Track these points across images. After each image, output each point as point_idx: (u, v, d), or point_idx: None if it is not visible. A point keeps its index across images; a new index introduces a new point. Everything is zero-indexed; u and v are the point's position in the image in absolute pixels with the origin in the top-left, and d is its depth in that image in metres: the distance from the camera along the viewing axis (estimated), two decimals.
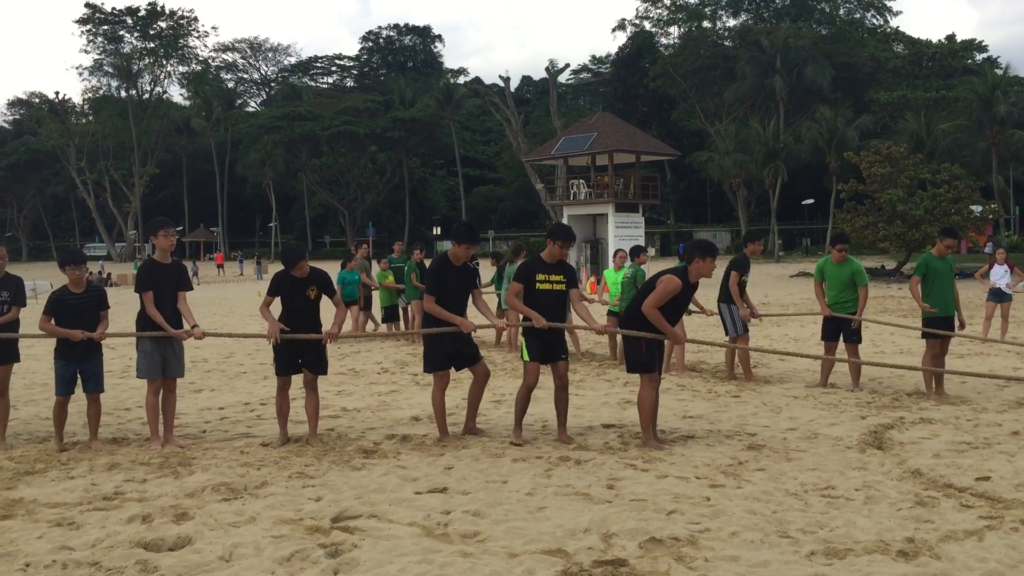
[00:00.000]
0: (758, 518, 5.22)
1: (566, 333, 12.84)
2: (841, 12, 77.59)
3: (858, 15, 78.45)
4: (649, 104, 78.72)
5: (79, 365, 7.35)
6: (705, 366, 11.96)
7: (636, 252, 12.10)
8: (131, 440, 7.75)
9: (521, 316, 7.50)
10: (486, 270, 17.17)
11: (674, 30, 79.84)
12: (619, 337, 10.82)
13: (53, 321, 7.27)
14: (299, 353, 7.52)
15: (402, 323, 15.90)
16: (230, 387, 10.85)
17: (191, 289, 7.83)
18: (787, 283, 34.72)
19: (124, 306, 18.69)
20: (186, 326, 7.55)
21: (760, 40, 65.33)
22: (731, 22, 77.66)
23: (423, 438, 7.52)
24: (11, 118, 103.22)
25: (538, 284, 7.31)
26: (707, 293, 13.52)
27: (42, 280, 33.40)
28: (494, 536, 4.97)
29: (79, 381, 7.40)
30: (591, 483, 6.02)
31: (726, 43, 71.48)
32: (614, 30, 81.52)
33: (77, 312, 7.27)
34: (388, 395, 10.00)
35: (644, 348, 7.17)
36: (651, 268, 12.64)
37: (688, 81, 67.60)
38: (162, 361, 7.47)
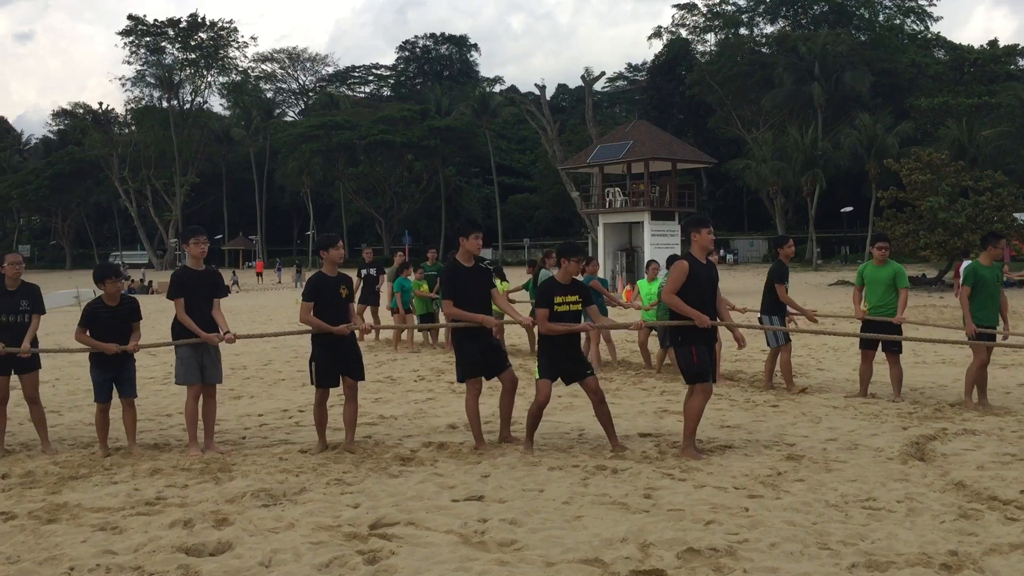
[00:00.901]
0: (798, 529, 5.17)
1: (604, 343, 13.00)
2: (880, 18, 76.69)
3: (898, 21, 77.48)
4: (685, 112, 78.37)
5: (113, 373, 7.50)
6: (743, 375, 11.87)
7: (672, 262, 12.04)
8: (172, 446, 7.87)
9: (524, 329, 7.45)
10: (522, 278, 17.10)
11: (711, 37, 79.47)
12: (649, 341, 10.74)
13: (88, 333, 7.41)
14: (341, 363, 7.57)
15: (441, 332, 15.91)
16: (269, 394, 10.96)
17: (225, 295, 7.94)
18: (825, 292, 34.34)
19: (166, 313, 18.91)
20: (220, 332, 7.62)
21: (798, 47, 64.79)
22: (768, 29, 77.16)
23: (460, 446, 7.54)
24: (56, 129, 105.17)
25: (557, 307, 7.32)
26: (746, 302, 13.47)
27: (85, 288, 33.86)
28: (531, 545, 4.97)
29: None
30: (628, 492, 6.00)
31: (763, 50, 70.98)
32: (650, 38, 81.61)
33: (111, 324, 7.44)
34: (425, 403, 10.04)
35: (695, 358, 7.07)
36: None
37: (725, 88, 67.20)
38: (199, 367, 7.57)
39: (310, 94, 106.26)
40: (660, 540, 4.96)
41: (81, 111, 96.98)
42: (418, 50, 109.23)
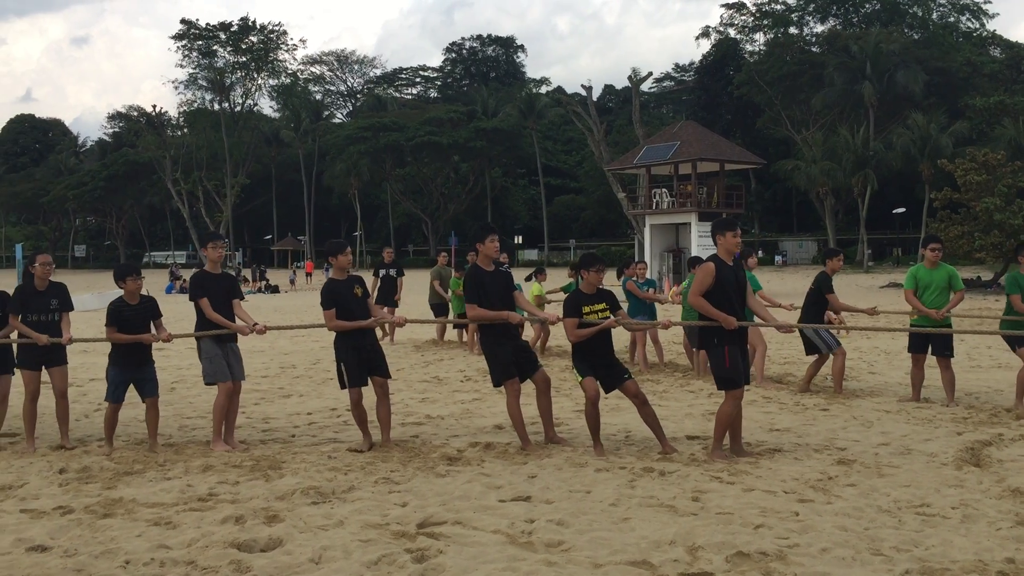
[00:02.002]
0: (849, 534, 5.10)
1: (652, 345, 12.98)
2: (934, 16, 75.27)
3: (952, 19, 75.98)
4: (733, 112, 77.62)
5: (133, 374, 7.74)
6: (792, 378, 11.73)
7: (694, 263, 12.23)
8: (196, 444, 7.91)
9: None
10: (564, 280, 17.06)
11: (759, 37, 78.55)
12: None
13: (116, 330, 7.66)
14: (367, 361, 7.69)
15: (463, 333, 16.07)
16: (317, 393, 11.07)
17: (241, 298, 8.19)
18: (876, 294, 33.80)
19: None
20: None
21: (849, 45, 63.86)
22: (818, 28, 76.09)
23: (506, 446, 7.55)
24: (111, 131, 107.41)
25: (585, 316, 7.40)
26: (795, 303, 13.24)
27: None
28: (578, 546, 4.96)
29: (131, 390, 7.79)
30: (676, 495, 5.96)
31: (813, 49, 70.05)
32: (698, 38, 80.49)
33: (133, 322, 7.68)
34: (471, 403, 10.08)
35: (727, 361, 7.05)
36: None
37: (774, 88, 66.45)
38: (227, 364, 7.80)
39: (358, 96, 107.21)
40: (709, 543, 4.92)
41: (135, 114, 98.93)
42: (465, 51, 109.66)
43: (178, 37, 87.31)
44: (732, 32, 79.35)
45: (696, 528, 5.20)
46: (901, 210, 60.10)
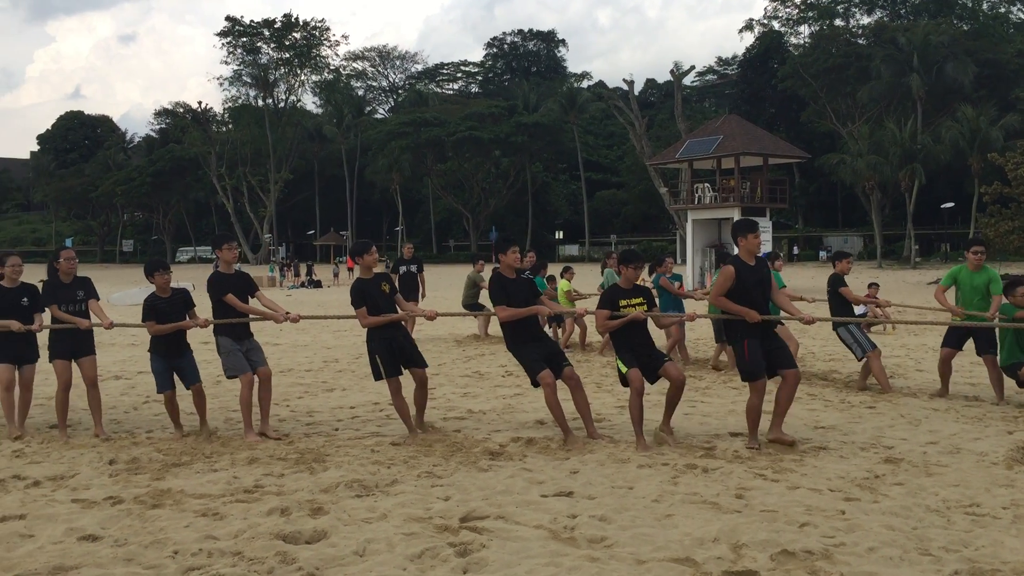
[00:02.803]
0: (897, 534, 5.03)
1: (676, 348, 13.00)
2: (984, 7, 73.78)
3: (1003, 9, 74.42)
4: (777, 105, 76.72)
5: (173, 362, 8.07)
6: (837, 375, 11.59)
7: (723, 259, 12.33)
8: (242, 437, 8.01)
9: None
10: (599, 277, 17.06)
11: (804, 29, 77.59)
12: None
13: (155, 322, 7.99)
14: (399, 352, 7.91)
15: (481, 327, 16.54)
16: (360, 387, 11.16)
17: (257, 290, 8.49)
18: (924, 290, 33.26)
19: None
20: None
21: (896, 37, 62.77)
22: (865, 19, 74.94)
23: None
24: (158, 127, 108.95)
25: (621, 309, 7.62)
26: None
27: (185, 282, 35.06)
28: (621, 542, 4.95)
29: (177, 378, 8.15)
30: (719, 492, 5.93)
31: (859, 41, 68.96)
32: (741, 31, 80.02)
33: (168, 313, 8.02)
34: (512, 398, 10.09)
35: (747, 355, 7.29)
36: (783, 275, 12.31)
37: (819, 81, 65.54)
38: (246, 358, 8.07)
39: (400, 91, 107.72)
40: (753, 541, 4.88)
41: (181, 110, 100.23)
42: (506, 46, 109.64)
43: (223, 34, 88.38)
44: (776, 25, 78.54)
45: (740, 525, 5.17)
46: (949, 205, 59.01)
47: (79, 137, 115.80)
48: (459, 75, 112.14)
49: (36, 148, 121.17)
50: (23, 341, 8.16)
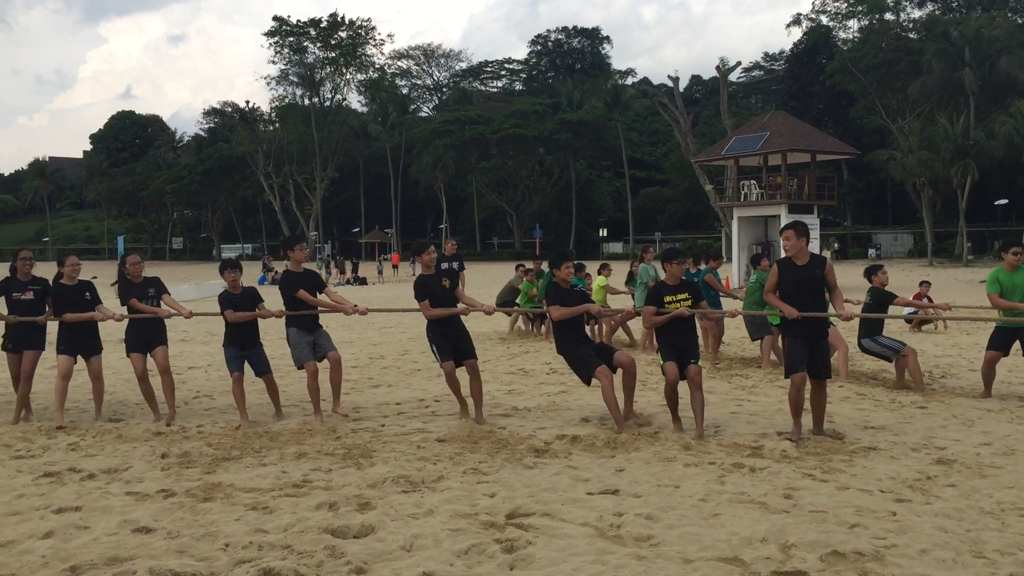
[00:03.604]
0: (950, 536, 4.94)
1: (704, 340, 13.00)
2: None
3: None
4: (825, 101, 75.65)
5: (245, 352, 8.66)
6: (887, 375, 11.41)
7: (756, 261, 12.63)
8: (290, 432, 8.12)
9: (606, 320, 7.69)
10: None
11: (853, 23, 76.34)
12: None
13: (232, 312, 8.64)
14: (453, 342, 8.49)
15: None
16: (405, 383, 11.22)
17: (325, 287, 9.02)
18: (977, 289, 32.56)
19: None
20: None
21: (949, 31, 61.55)
22: (916, 13, 73.57)
23: (593, 439, 7.54)
24: (207, 126, 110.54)
25: (667, 305, 8.01)
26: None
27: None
28: (668, 541, 4.93)
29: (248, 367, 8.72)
30: (767, 491, 5.87)
31: (910, 35, 67.68)
32: (789, 25, 78.95)
33: (241, 307, 8.67)
34: (558, 395, 10.08)
35: (786, 350, 7.71)
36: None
37: (868, 76, 64.50)
38: (312, 347, 8.63)
39: (444, 90, 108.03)
40: (802, 541, 4.83)
41: (229, 109, 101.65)
42: (550, 44, 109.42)
43: (270, 34, 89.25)
44: (824, 19, 77.43)
45: (788, 526, 5.12)
46: (1003, 201, 57.80)
47: (130, 137, 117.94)
48: (503, 73, 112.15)
49: (89, 148, 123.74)
50: (86, 335, 8.83)
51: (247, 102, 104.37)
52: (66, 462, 7.01)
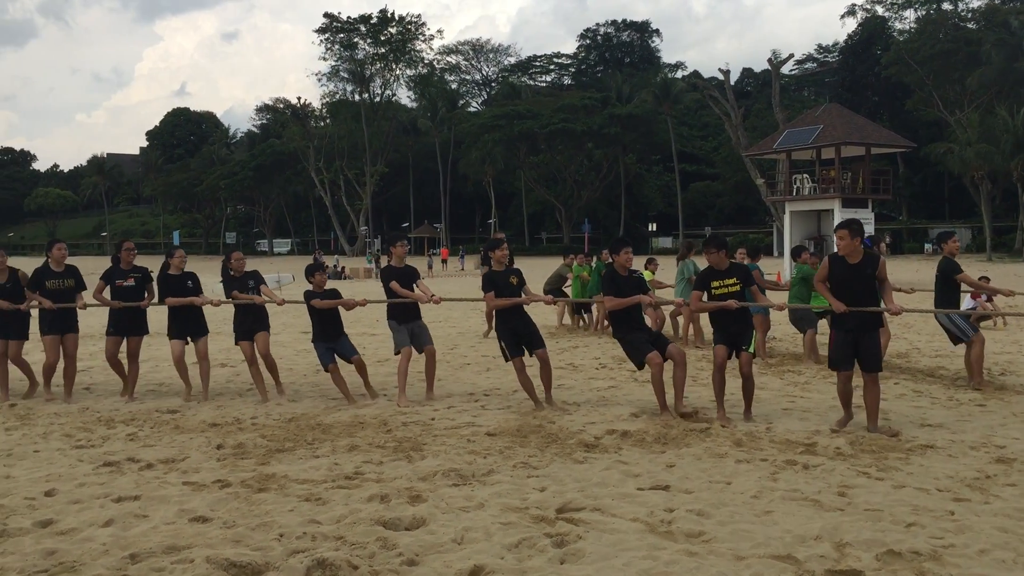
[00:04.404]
0: (1010, 536, 4.84)
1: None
2: None
3: None
4: (880, 93, 74.41)
5: (332, 344, 9.45)
6: (944, 371, 11.19)
7: (796, 254, 12.45)
8: (342, 425, 8.20)
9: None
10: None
11: (910, 14, 74.96)
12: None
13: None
14: (519, 335, 8.93)
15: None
16: (455, 378, 11.27)
17: (420, 279, 9.74)
18: None
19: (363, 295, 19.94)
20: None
21: (1009, 21, 60.10)
22: (975, 3, 71.89)
23: (643, 434, 7.50)
24: (259, 123, 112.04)
25: (715, 290, 8.23)
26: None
27: (286, 273, 36.14)
28: (719, 537, 4.89)
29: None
30: (821, 489, 5.80)
31: (969, 25, 66.24)
32: (843, 16, 77.74)
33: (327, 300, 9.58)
34: (607, 391, 10.05)
35: (831, 345, 7.77)
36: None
37: (925, 68, 63.23)
38: (409, 335, 9.42)
39: (493, 84, 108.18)
40: (857, 540, 4.76)
41: (281, 106, 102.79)
42: (599, 37, 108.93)
43: (321, 31, 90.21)
44: (880, 10, 76.13)
45: (843, 524, 5.05)
46: None
47: (185, 133, 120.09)
48: (552, 67, 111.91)
49: (145, 144, 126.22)
50: (192, 319, 9.79)
51: (298, 98, 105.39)
52: (125, 452, 7.16)
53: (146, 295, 9.89)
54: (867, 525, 5.03)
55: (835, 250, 7.81)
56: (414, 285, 9.57)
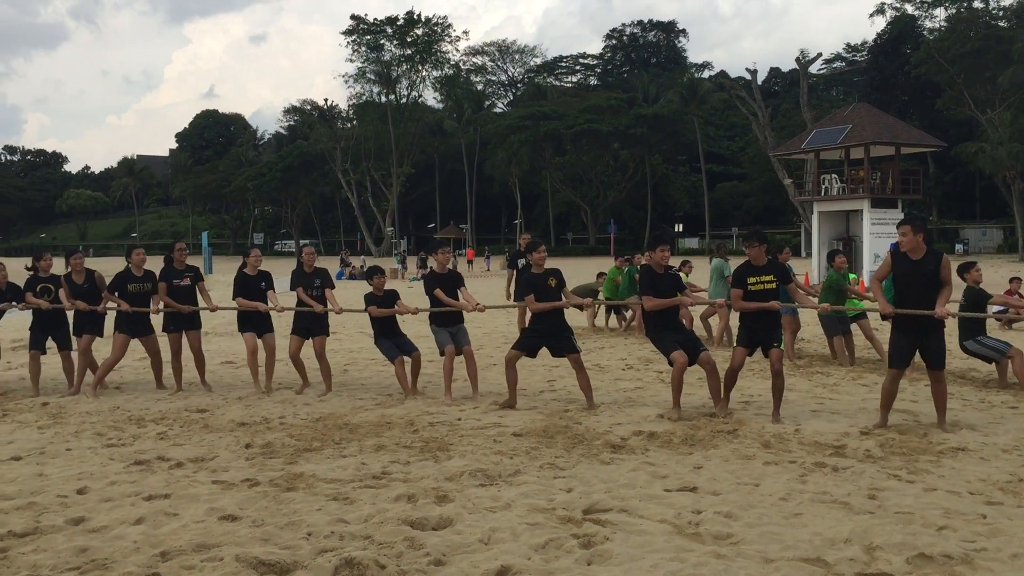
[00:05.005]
0: None
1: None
2: None
3: None
4: (910, 93, 73.58)
5: (395, 340, 10.00)
6: (976, 374, 11.06)
7: (832, 257, 12.21)
8: (369, 424, 8.24)
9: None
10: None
11: (940, 12, 74.01)
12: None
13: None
14: (547, 338, 9.01)
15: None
16: (481, 378, 11.14)
17: (463, 285, 9.95)
18: None
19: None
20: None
21: None
22: (1006, 1, 71.00)
23: (670, 436, 7.48)
24: (287, 124, 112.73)
25: (751, 286, 8.22)
26: None
27: None
28: (748, 539, 4.86)
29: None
30: (850, 492, 5.75)
31: (1001, 23, 65.37)
32: (872, 15, 77.04)
33: (384, 305, 9.98)
34: (633, 391, 10.03)
35: (891, 345, 7.71)
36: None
37: (956, 66, 62.42)
38: (451, 336, 9.61)
39: (519, 85, 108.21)
40: (888, 543, 4.72)
41: (309, 107, 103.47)
42: (625, 38, 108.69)
43: (348, 32, 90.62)
44: (910, 8, 75.23)
45: (873, 527, 5.00)
46: None
47: (214, 135, 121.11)
48: (578, 68, 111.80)
49: (174, 146, 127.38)
50: (261, 316, 10.27)
51: (325, 100, 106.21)
52: (155, 451, 7.23)
53: (199, 297, 10.50)
54: (898, 528, 4.98)
55: (864, 250, 7.81)
56: (458, 291, 9.77)
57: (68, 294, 10.22)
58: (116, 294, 10.24)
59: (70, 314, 10.43)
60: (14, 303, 10.40)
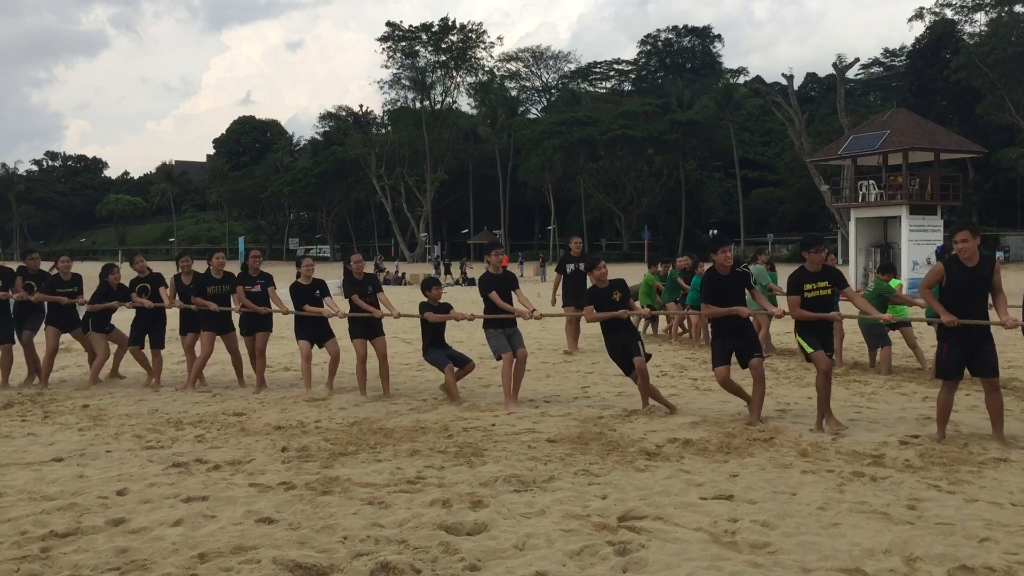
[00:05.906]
0: None
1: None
2: None
3: None
4: (949, 98, 72.56)
5: (447, 351, 10.18)
6: (1018, 383, 10.87)
7: (886, 268, 11.99)
8: (403, 429, 8.26)
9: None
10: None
11: (980, 17, 73.05)
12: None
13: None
14: (622, 345, 9.11)
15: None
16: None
17: (518, 287, 10.05)
18: None
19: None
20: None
21: None
22: None
23: (705, 443, 7.43)
24: (322, 130, 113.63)
25: (807, 293, 8.08)
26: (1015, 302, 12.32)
27: (335, 278, 36.42)
28: (785, 549, 4.81)
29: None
30: (890, 502, 5.67)
31: None
32: (910, 20, 76.07)
33: (439, 313, 10.21)
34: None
35: (944, 355, 7.45)
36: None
37: (996, 71, 61.56)
38: (507, 339, 9.71)
39: (553, 91, 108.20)
40: (928, 555, 4.65)
41: (344, 113, 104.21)
42: (660, 43, 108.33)
43: (383, 39, 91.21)
44: (949, 13, 74.31)
45: (913, 538, 4.93)
46: None
47: (250, 141, 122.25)
48: (612, 73, 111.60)
49: (212, 152, 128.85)
50: (320, 324, 10.58)
51: (360, 106, 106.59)
52: (193, 453, 7.31)
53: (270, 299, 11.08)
54: (938, 539, 4.91)
55: (903, 257, 7.69)
56: (512, 293, 9.90)
57: (173, 294, 11.19)
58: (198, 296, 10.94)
59: (170, 314, 11.40)
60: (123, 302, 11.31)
